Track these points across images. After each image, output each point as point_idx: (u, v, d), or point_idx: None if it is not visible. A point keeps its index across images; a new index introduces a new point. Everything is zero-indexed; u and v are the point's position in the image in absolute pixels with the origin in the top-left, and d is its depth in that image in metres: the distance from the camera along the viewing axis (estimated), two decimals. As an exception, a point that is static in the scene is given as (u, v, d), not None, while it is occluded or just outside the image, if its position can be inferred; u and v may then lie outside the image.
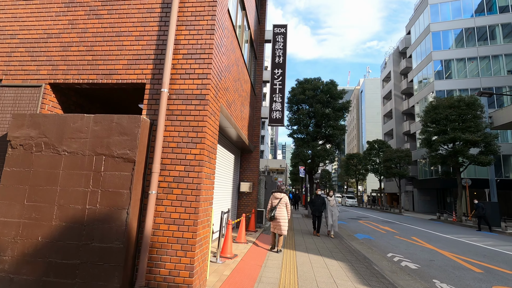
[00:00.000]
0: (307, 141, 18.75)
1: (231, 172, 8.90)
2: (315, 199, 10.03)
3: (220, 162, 7.46)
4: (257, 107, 10.57)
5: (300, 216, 17.86)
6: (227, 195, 8.39)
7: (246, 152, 10.20)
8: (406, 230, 14.06)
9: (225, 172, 8.12)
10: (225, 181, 8.18)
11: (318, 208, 9.85)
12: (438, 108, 21.26)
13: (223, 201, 7.82)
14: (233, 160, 9.16)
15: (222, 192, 7.76)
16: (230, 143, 8.49)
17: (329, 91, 18.34)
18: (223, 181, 7.83)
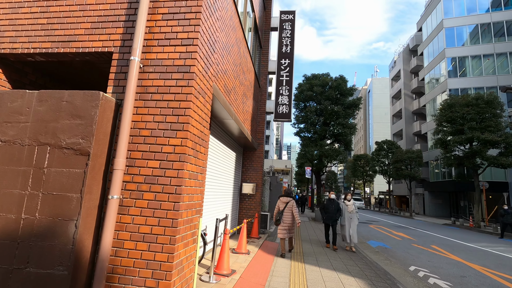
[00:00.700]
0: (315, 140, 17.70)
1: (231, 171, 7.94)
2: (328, 204, 8.19)
3: (218, 160, 6.49)
4: (262, 101, 9.59)
5: (307, 220, 16.81)
6: (226, 198, 7.42)
7: (249, 150, 9.22)
8: (422, 237, 12.92)
9: (225, 172, 7.16)
10: (225, 182, 7.21)
11: (332, 216, 8.05)
12: (454, 106, 20.02)
13: (221, 205, 6.84)
14: (234, 158, 8.20)
15: (220, 194, 6.79)
16: (230, 139, 7.52)
17: (339, 87, 17.28)
18: (221, 182, 6.86)
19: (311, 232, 11.45)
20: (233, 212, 8.25)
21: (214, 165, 6.18)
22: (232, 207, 8.10)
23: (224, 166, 7.12)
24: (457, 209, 30.54)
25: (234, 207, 8.36)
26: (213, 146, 6.01)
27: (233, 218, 8.34)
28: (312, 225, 14.32)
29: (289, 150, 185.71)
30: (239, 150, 8.81)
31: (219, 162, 6.57)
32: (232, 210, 8.14)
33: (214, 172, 6.14)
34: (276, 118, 9.47)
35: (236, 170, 8.51)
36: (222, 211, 6.95)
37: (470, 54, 29.49)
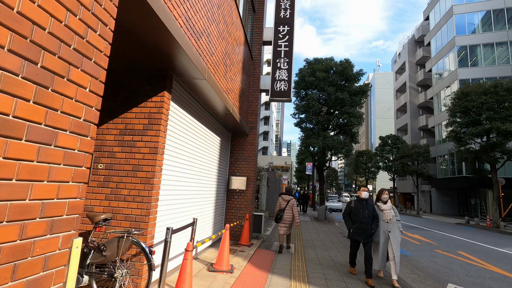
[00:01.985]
0: (317, 131, 15.93)
1: (214, 161, 6.18)
2: (357, 207, 5.02)
3: (190, 143, 4.74)
4: (255, 76, 7.82)
5: (309, 219, 15.09)
6: (205, 195, 5.67)
7: (239, 136, 7.47)
8: (442, 240, 11.19)
9: (203, 161, 5.40)
10: (202, 174, 5.46)
11: (365, 227, 4.84)
12: (469, 95, 18.24)
13: (196, 206, 5.07)
14: (218, 144, 6.44)
15: (195, 191, 5.03)
16: (211, 118, 5.76)
17: (344, 71, 15.48)
18: (197, 173, 5.10)
19: (315, 236, 9.71)
20: (216, 213, 6.50)
21: (182, 149, 4.42)
22: (215, 208, 6.35)
23: (202, 152, 5.37)
24: (467, 207, 28.83)
25: (218, 207, 6.61)
26: (181, 122, 4.24)
27: (217, 221, 6.59)
28: (315, 226, 12.59)
29: (289, 148, 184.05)
30: (225, 135, 7.05)
31: (192, 146, 4.82)
32: (216, 211, 6.39)
33: (181, 159, 4.38)
34: (272, 97, 7.71)
35: (221, 160, 6.76)
36: (198, 214, 5.20)
37: (482, 42, 27.65)
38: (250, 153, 7.34)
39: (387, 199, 5.09)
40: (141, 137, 3.45)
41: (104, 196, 3.38)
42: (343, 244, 8.47)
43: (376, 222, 4.91)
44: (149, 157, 3.38)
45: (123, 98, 3.58)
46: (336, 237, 9.81)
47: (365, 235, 4.83)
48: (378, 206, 5.08)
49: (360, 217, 4.90)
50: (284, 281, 4.49)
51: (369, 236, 4.83)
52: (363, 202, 5.01)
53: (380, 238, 4.93)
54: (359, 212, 4.94)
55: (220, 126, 6.48)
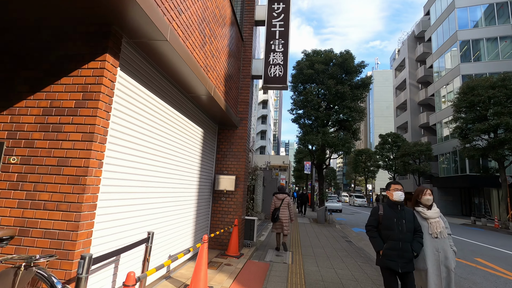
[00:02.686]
0: (316, 127, 14.94)
1: (195, 156, 5.16)
2: (388, 215, 3.25)
3: (162, 134, 3.71)
4: (246, 59, 6.80)
5: (308, 222, 14.10)
6: (182, 198, 4.65)
7: (227, 128, 6.45)
8: (455, 244, 10.23)
9: (176, 155, 4.37)
10: (175, 172, 4.43)
11: (403, 249, 3.09)
12: (476, 89, 17.31)
13: (168, 212, 4.02)
14: (200, 137, 5.42)
15: (162, 194, 4.00)
16: (189, 104, 4.73)
17: (345, 63, 14.49)
18: (165, 170, 4.07)
19: (315, 242, 8.71)
20: (199, 219, 5.47)
21: (142, 138, 3.39)
22: (197, 213, 5.32)
23: (177, 146, 4.35)
24: (470, 206, 27.97)
25: (201, 212, 5.59)
26: (139, 102, 3.22)
27: (200, 228, 5.57)
28: (314, 229, 11.59)
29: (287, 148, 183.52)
30: (210, 127, 6.03)
31: (160, 136, 3.80)
32: (197, 216, 5.37)
33: (141, 152, 3.35)
34: (266, 84, 6.69)
35: (205, 156, 5.74)
36: (170, 223, 4.17)
37: (485, 36, 26.79)
38: (240, 148, 6.32)
39: (432, 202, 3.37)
40: (71, 118, 2.43)
41: (16, 202, 2.35)
42: (347, 251, 7.48)
43: (419, 238, 3.17)
44: (80, 146, 2.37)
45: (50, 65, 2.56)
46: (339, 242, 8.82)
47: (404, 259, 3.04)
48: (420, 213, 3.33)
49: (394, 231, 3.12)
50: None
51: (409, 261, 3.07)
52: (397, 207, 3.24)
53: (427, 264, 3.14)
54: (393, 223, 3.15)
55: (203, 116, 5.45)
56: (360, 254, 7.22)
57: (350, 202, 44.89)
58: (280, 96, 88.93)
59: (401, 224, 3.14)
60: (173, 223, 4.22)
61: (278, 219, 6.62)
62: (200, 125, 5.40)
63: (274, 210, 6.70)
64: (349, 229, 12.92)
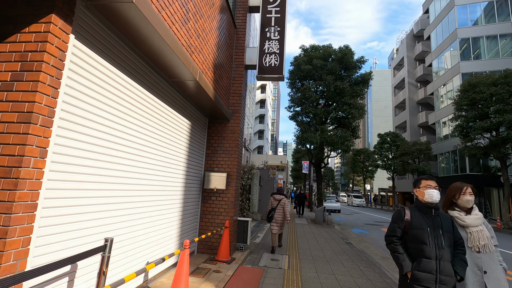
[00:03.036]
0: (314, 125, 14.46)
1: (180, 151, 4.64)
2: (418, 223, 2.30)
3: (127, 115, 3.20)
4: (239, 47, 6.29)
5: (306, 222, 13.60)
6: (167, 198, 4.13)
7: (217, 121, 5.94)
8: (458, 246, 9.77)
9: (156, 148, 3.86)
10: (155, 168, 3.92)
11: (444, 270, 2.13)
12: (477, 86, 16.92)
13: (147, 214, 3.50)
14: (187, 129, 4.90)
15: (136, 192, 3.48)
16: (172, 91, 4.22)
17: (344, 58, 14.01)
18: (141, 165, 3.56)
19: (313, 244, 8.20)
20: (185, 221, 4.95)
21: (108, 125, 2.88)
22: (183, 215, 4.80)
23: (157, 137, 3.84)
24: (470, 206, 27.58)
25: (188, 213, 5.07)
26: (103, 81, 2.70)
27: (186, 231, 5.05)
28: (312, 230, 11.09)
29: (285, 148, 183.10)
30: (199, 119, 5.51)
31: (132, 124, 3.28)
32: (183, 218, 4.85)
33: (107, 141, 2.84)
34: (261, 74, 6.19)
35: (193, 151, 5.22)
36: (148, 226, 3.65)
37: (485, 34, 26.45)
38: (232, 143, 5.81)
39: (473, 204, 2.50)
40: (5, 95, 1.91)
41: None
42: (347, 254, 7.00)
43: (461, 255, 2.23)
44: (15, 129, 1.85)
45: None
46: (338, 244, 8.33)
47: (443, 286, 2.12)
48: (456, 220, 2.41)
49: (428, 245, 2.20)
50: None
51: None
52: (431, 212, 2.32)
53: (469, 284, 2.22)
54: (425, 234, 2.23)
55: (190, 106, 4.94)
56: (361, 258, 6.74)
57: (349, 202, 44.48)
58: (278, 96, 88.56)
59: (438, 236, 2.21)
60: (150, 226, 3.70)
61: (273, 219, 6.81)
62: (187, 116, 4.89)
63: (270, 210, 6.95)
64: (348, 230, 12.45)
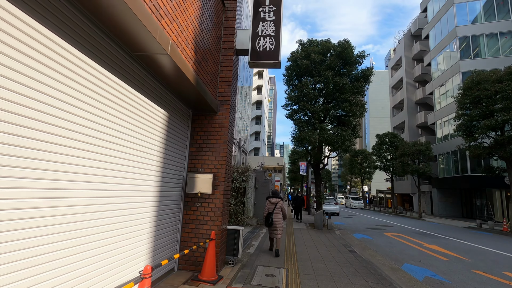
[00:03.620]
0: (312, 124, 13.65)
1: (153, 148, 3.78)
2: None
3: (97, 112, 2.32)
4: (228, 29, 5.45)
5: (304, 227, 12.74)
6: (135, 207, 3.26)
7: (203, 113, 5.07)
8: (471, 253, 8.99)
9: (118, 142, 2.99)
10: (122, 167, 3.05)
11: None
12: (481, 84, 16.27)
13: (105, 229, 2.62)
14: (163, 122, 4.03)
15: (100, 199, 2.60)
16: (146, 75, 3.36)
17: (344, 53, 13.25)
18: (89, 163, 2.68)
19: (314, 253, 7.33)
20: (161, 233, 4.06)
21: (55, 115, 2.00)
22: (157, 225, 3.92)
23: (123, 131, 2.97)
24: (471, 208, 26.99)
25: (165, 223, 4.19)
26: (52, 60, 1.84)
27: (163, 245, 4.16)
28: (312, 236, 10.23)
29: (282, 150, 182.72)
30: (180, 111, 4.65)
31: (92, 115, 2.41)
32: (158, 230, 3.96)
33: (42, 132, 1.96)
34: (253, 60, 5.35)
35: (171, 149, 4.35)
36: (109, 245, 2.76)
37: (485, 32, 25.96)
38: (220, 139, 4.95)
39: None
40: None
41: None
42: (353, 266, 6.15)
43: None
44: None
45: None
46: (342, 253, 7.48)
47: None
48: None
49: None
50: None
51: None
52: None
53: None
54: None
55: (168, 94, 4.08)
56: (369, 270, 5.90)
57: (346, 204, 43.77)
58: (275, 97, 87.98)
59: None
60: (103, 245, 2.83)
61: (273, 224, 6.66)
62: (165, 106, 4.03)
63: (267, 215, 6.78)
64: (350, 235, 11.63)
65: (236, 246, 5.20)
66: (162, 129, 4.01)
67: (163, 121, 4.02)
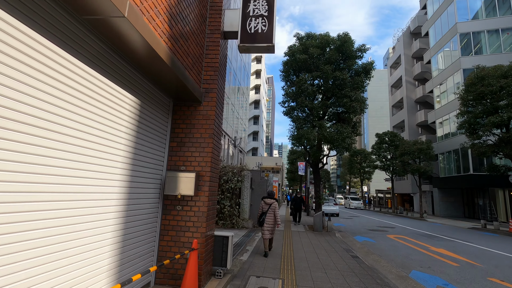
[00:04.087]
0: (310, 121, 13.02)
1: (126, 142, 3.13)
2: None
3: None
4: (215, 8, 4.80)
5: (303, 229, 12.10)
6: (93, 210, 2.60)
7: (185, 103, 4.42)
8: (482, 257, 8.37)
9: (76, 134, 2.34)
10: (81, 164, 2.39)
11: None
12: (486, 79, 15.70)
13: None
14: (134, 111, 3.38)
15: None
16: (107, 52, 2.72)
17: (344, 46, 12.63)
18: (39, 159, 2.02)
19: (313, 259, 6.69)
20: (133, 243, 3.39)
21: None
22: (125, 236, 3.25)
23: (84, 122, 2.32)
24: (474, 208, 26.42)
25: (141, 232, 3.53)
26: None
27: (137, 256, 3.50)
28: (311, 239, 9.58)
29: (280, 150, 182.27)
30: (158, 100, 3.99)
31: (37, 100, 1.76)
32: (131, 239, 3.30)
33: None
34: (244, 43, 4.70)
35: (147, 143, 3.70)
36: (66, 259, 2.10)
37: (486, 29, 25.44)
38: (205, 132, 4.30)
39: None
40: None
41: None
42: (357, 275, 5.52)
43: None
44: None
45: None
46: (343, 259, 6.84)
47: None
48: None
49: None
50: None
51: None
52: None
53: None
54: None
55: (137, 77, 3.42)
56: (375, 279, 5.26)
57: (346, 204, 43.18)
58: (273, 97, 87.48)
59: None
60: (42, 258, 2.17)
61: (264, 223, 6.79)
62: (135, 92, 3.38)
63: (261, 214, 6.95)
64: (351, 238, 11.00)
65: (225, 255, 4.54)
66: (133, 120, 3.36)
67: (134, 110, 3.37)
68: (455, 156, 26.49)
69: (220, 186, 11.86)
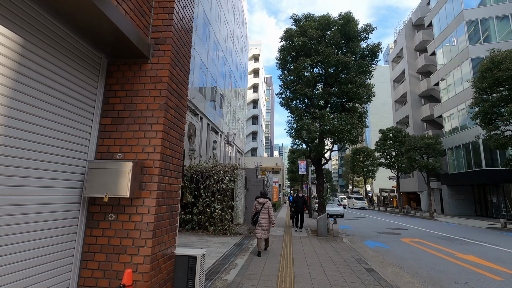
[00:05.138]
0: (311, 112, 11.56)
1: None
2: None
3: None
4: None
5: (305, 234, 10.61)
6: None
7: (125, 61, 2.97)
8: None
9: None
10: None
11: None
12: (503, 63, 14.26)
13: None
14: (38, 68, 1.93)
15: None
16: None
17: (346, 26, 11.19)
18: None
19: (318, 277, 5.21)
20: (14, 281, 1.95)
21: None
22: (10, 264, 1.80)
23: None
24: (486, 206, 24.87)
25: (38, 258, 2.07)
26: None
27: None
28: (314, 247, 8.08)
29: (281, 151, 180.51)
30: (81, 56, 2.54)
31: None
32: (15, 272, 1.85)
33: None
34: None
35: (58, 119, 2.25)
36: None
37: (495, 15, 24.02)
38: (154, 102, 2.86)
39: None
40: None
41: None
42: (380, 302, 4.03)
43: None
44: None
45: None
46: (357, 275, 5.37)
47: None
48: None
49: None
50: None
51: None
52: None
53: None
54: None
55: (40, 15, 1.97)
56: None
57: (349, 204, 41.60)
58: (272, 97, 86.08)
59: None
60: None
61: (258, 222, 6.77)
62: (27, 32, 1.94)
63: (254, 214, 6.94)
64: (360, 243, 9.53)
65: (191, 284, 3.08)
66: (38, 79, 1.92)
67: (34, 67, 1.93)
68: (464, 150, 25.00)
69: (210, 187, 10.42)
